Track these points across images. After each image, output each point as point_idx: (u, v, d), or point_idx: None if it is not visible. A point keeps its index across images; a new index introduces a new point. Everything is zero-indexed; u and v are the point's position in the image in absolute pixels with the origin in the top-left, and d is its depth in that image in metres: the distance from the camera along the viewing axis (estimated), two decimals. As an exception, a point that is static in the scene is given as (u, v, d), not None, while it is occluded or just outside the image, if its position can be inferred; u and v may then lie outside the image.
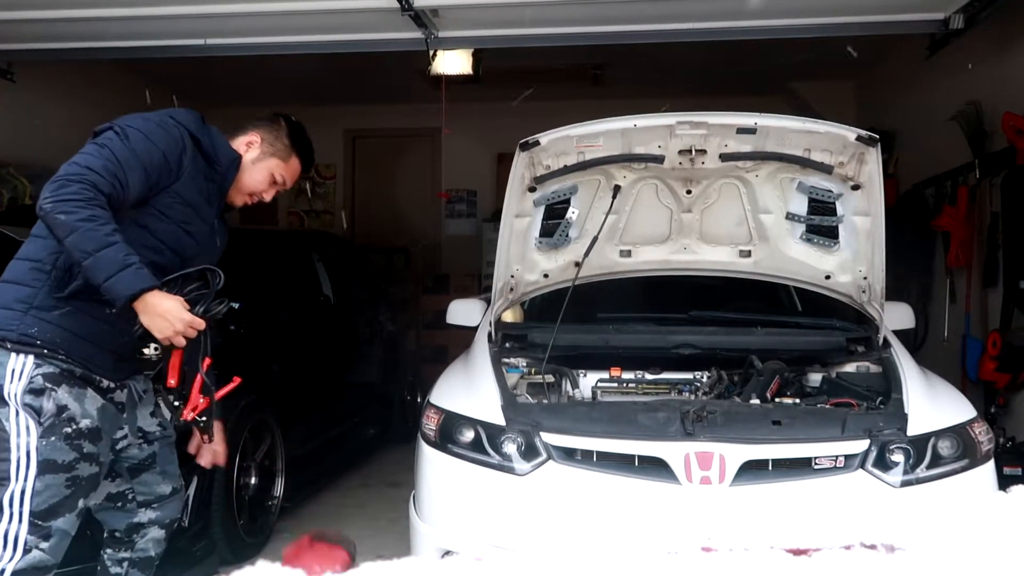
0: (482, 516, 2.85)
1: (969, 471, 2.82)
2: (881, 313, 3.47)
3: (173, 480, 2.60)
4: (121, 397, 2.42)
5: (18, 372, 2.22)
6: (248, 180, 2.59)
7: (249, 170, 2.58)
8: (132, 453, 2.50)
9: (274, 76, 7.26)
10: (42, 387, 2.23)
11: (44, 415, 2.23)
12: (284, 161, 2.63)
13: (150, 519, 2.55)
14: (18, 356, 2.23)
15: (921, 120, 6.42)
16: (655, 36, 4.78)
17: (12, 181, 5.75)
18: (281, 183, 2.65)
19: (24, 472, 2.21)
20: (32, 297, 2.25)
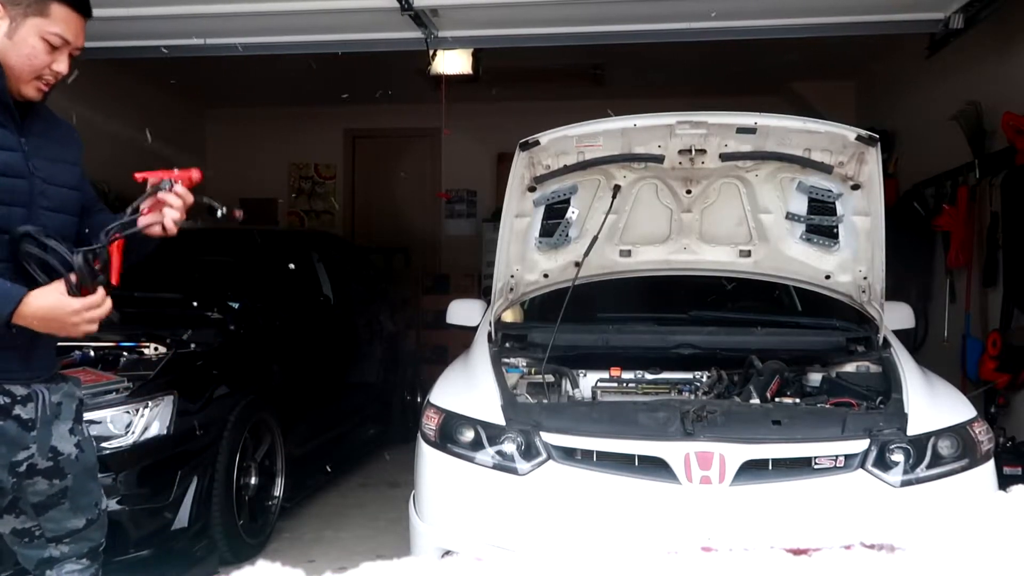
0: (482, 516, 2.85)
1: (969, 471, 2.82)
2: (881, 313, 3.47)
3: (87, 511, 2.18)
4: (28, 412, 2.03)
5: None
6: (17, 60, 2.02)
7: (10, 48, 2.01)
8: (39, 488, 2.08)
9: (274, 76, 7.26)
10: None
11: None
12: (44, 16, 2.02)
13: (63, 553, 2.15)
14: None
15: (921, 120, 6.42)
16: (655, 36, 4.79)
17: None
18: (63, 43, 2.07)
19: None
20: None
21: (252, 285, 4.78)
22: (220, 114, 9.25)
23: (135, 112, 7.62)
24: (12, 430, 2.00)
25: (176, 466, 3.52)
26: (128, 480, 3.30)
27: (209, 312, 4.25)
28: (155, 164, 2.22)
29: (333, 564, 3.73)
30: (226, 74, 7.12)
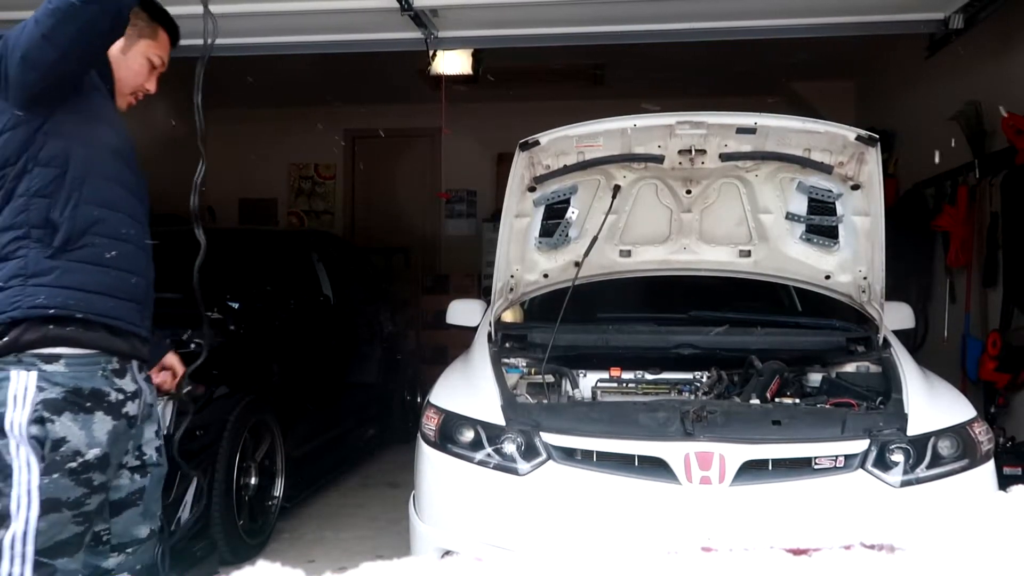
0: (482, 516, 2.85)
1: (969, 471, 2.82)
2: (881, 313, 3.47)
3: (152, 521, 2.27)
4: (134, 409, 2.15)
5: (21, 398, 1.97)
6: (125, 74, 2.24)
7: (121, 63, 2.22)
8: (122, 483, 2.19)
9: (274, 76, 7.26)
10: (41, 417, 1.98)
11: (46, 449, 1.99)
12: (153, 39, 2.28)
13: (119, 564, 2.20)
14: (19, 377, 1.98)
15: (921, 120, 6.42)
16: (655, 36, 4.78)
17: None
18: (160, 65, 2.32)
19: (25, 513, 1.98)
20: (23, 268, 1.99)
21: (252, 285, 4.78)
22: (220, 114, 9.23)
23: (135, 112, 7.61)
24: (123, 428, 2.10)
25: (175, 466, 3.52)
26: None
27: (209, 312, 4.24)
28: (155, 163, 2.26)
29: (333, 564, 3.73)
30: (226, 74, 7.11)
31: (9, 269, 2.00)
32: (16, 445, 1.98)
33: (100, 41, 1.98)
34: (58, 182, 2.01)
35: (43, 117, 2.00)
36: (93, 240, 2.04)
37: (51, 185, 2.01)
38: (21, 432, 1.97)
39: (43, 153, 2.00)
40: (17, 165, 2.00)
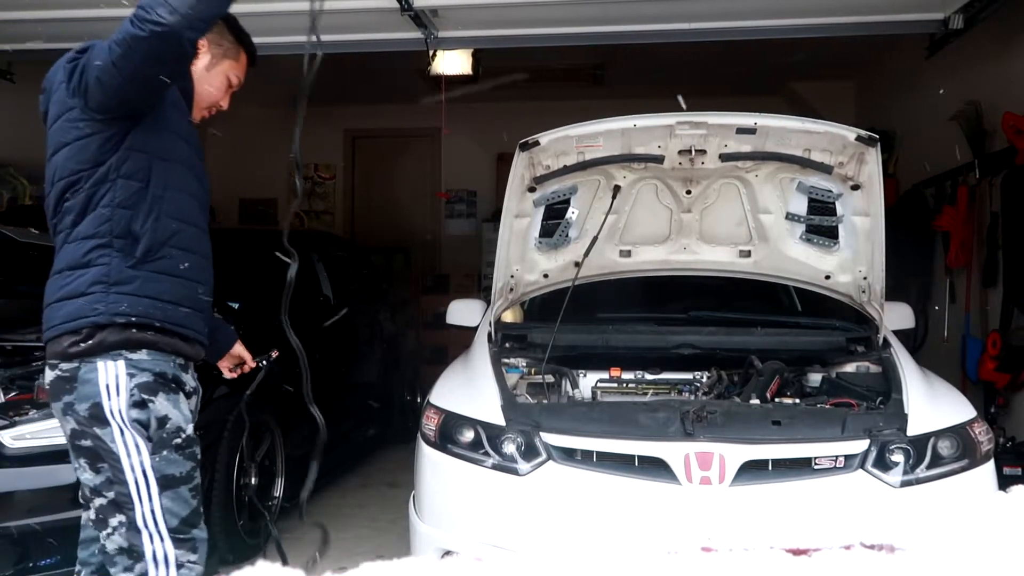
0: (482, 516, 2.85)
1: (969, 471, 2.82)
2: (881, 313, 3.47)
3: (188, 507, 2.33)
4: (193, 404, 2.30)
5: (114, 387, 2.09)
6: (206, 90, 2.36)
7: (203, 79, 2.34)
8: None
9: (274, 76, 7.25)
10: (142, 400, 2.11)
11: (151, 429, 2.12)
12: (235, 60, 2.39)
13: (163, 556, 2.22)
14: (107, 367, 2.09)
15: (921, 120, 6.42)
16: (655, 36, 4.79)
17: (12, 181, 5.76)
18: (237, 85, 2.44)
19: (147, 492, 2.11)
20: (106, 275, 2.09)
21: (251, 285, 4.78)
22: (220, 114, 9.23)
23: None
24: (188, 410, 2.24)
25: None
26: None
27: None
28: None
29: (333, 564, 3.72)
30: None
31: (91, 276, 2.10)
32: (120, 431, 2.09)
33: (166, 71, 2.04)
34: (140, 195, 2.12)
35: (124, 131, 2.10)
36: (170, 252, 2.16)
37: (133, 197, 2.11)
38: (123, 418, 2.09)
39: (126, 167, 2.11)
40: (97, 172, 2.10)
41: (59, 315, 2.12)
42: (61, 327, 2.11)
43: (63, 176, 2.13)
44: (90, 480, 2.19)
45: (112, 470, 2.12)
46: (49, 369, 2.17)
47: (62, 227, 2.16)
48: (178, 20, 1.88)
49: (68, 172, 2.12)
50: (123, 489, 2.12)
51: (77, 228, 2.12)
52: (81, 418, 2.12)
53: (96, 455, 2.15)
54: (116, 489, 2.13)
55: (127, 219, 2.10)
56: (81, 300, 2.09)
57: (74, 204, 2.12)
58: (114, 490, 2.14)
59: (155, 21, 1.88)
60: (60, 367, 2.13)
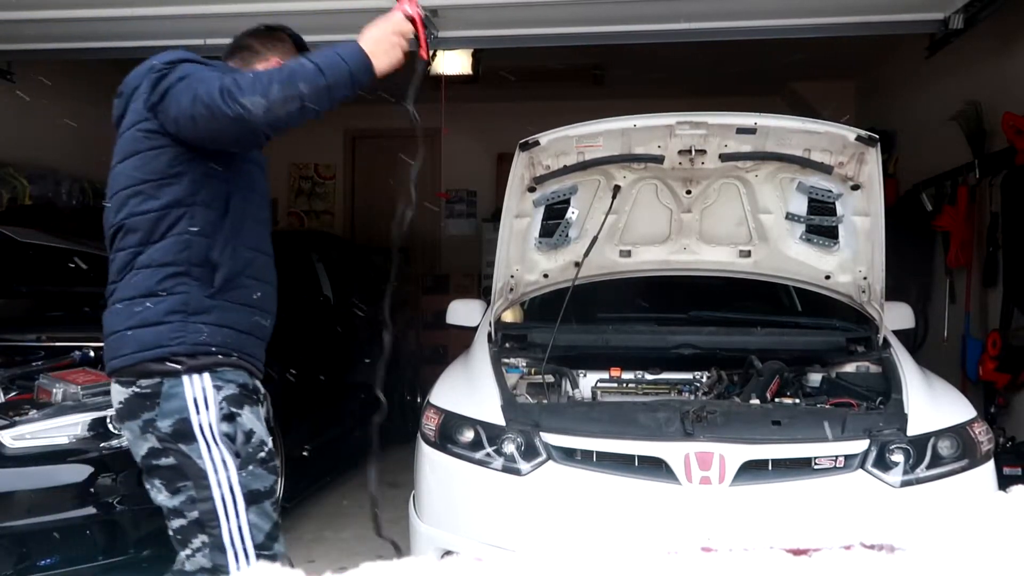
0: (482, 516, 2.85)
1: (969, 471, 2.83)
2: (881, 313, 3.46)
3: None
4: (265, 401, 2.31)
5: (202, 400, 2.04)
6: None
7: None
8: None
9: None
10: (230, 413, 2.07)
11: (238, 443, 2.08)
12: None
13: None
14: (192, 381, 2.04)
15: (921, 120, 6.42)
16: (655, 36, 4.78)
17: (12, 181, 5.76)
18: None
19: (233, 510, 2.05)
20: (185, 304, 2.05)
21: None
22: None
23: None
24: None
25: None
26: (128, 480, 3.28)
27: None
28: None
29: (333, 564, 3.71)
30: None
31: (168, 304, 2.05)
32: (207, 447, 2.03)
33: (238, 146, 2.10)
34: (218, 224, 2.09)
35: (204, 160, 2.08)
36: (245, 281, 2.15)
37: (211, 226, 2.08)
38: (214, 432, 2.04)
39: (204, 194, 2.08)
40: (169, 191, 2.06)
41: (133, 342, 2.06)
42: (138, 355, 2.05)
43: (128, 185, 2.09)
44: (167, 501, 2.09)
45: (196, 488, 2.04)
46: (121, 387, 2.09)
47: (125, 245, 2.10)
48: (264, 118, 1.91)
49: (134, 181, 2.08)
50: (208, 507, 2.04)
51: (149, 254, 2.07)
52: (164, 435, 2.04)
53: (177, 474, 2.06)
54: (200, 507, 2.05)
55: (205, 247, 2.07)
56: (160, 328, 2.04)
57: (142, 223, 2.07)
58: (197, 509, 2.05)
59: (244, 108, 1.89)
60: (139, 384, 2.06)
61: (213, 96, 1.91)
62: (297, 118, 1.98)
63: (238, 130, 1.94)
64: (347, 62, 2.01)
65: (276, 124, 1.96)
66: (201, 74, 2.00)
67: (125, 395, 2.09)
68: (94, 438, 3.26)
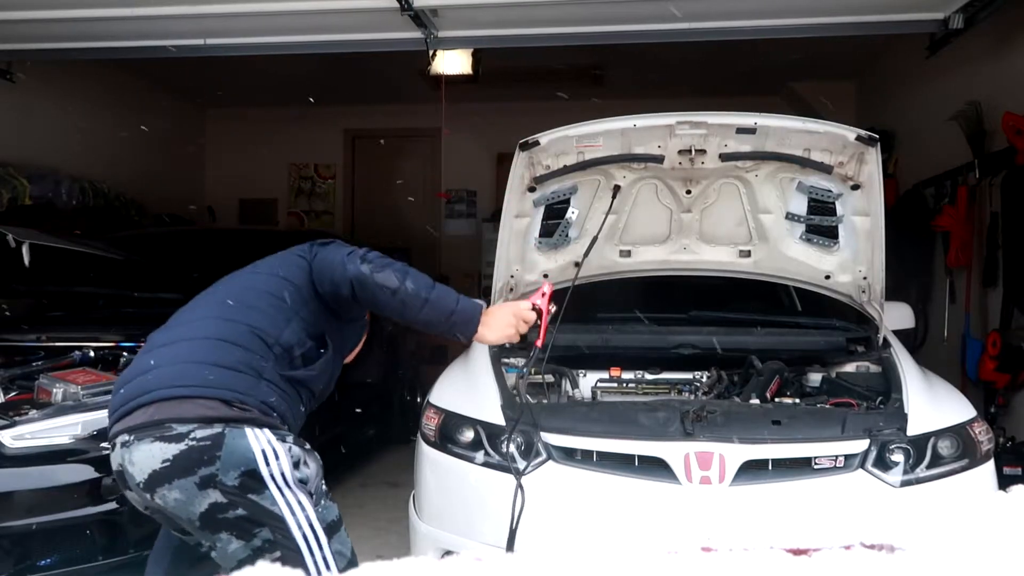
0: (482, 516, 2.85)
1: (969, 471, 2.82)
2: (881, 313, 3.46)
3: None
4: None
5: (270, 451, 2.02)
6: None
7: None
8: None
9: (274, 76, 7.27)
10: (298, 457, 2.09)
11: (311, 485, 2.11)
12: None
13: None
14: (255, 434, 2.02)
15: (921, 120, 6.42)
16: (655, 36, 4.79)
17: (12, 181, 5.76)
18: None
19: (317, 545, 2.06)
20: (261, 367, 2.11)
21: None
22: (220, 114, 9.26)
23: (136, 112, 7.62)
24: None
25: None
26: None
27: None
28: (156, 164, 2.30)
29: (333, 564, 3.71)
30: (226, 74, 7.12)
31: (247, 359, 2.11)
32: (280, 492, 2.03)
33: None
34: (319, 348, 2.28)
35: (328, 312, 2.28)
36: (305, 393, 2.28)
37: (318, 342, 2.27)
38: (287, 479, 2.04)
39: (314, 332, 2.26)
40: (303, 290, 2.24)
41: (204, 376, 2.04)
42: (203, 389, 2.03)
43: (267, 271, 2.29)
44: (240, 552, 2.03)
45: (273, 531, 2.02)
46: (166, 443, 1.98)
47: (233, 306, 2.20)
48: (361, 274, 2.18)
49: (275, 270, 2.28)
50: (289, 546, 2.03)
51: (253, 315, 2.17)
52: (230, 488, 1.98)
53: (250, 522, 2.02)
54: (281, 550, 2.03)
55: (302, 349, 2.21)
56: (234, 374, 2.07)
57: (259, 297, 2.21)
58: (278, 551, 2.03)
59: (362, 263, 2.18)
60: (194, 435, 1.97)
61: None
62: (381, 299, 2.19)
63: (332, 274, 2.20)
64: (457, 306, 2.21)
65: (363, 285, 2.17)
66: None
67: (174, 451, 1.97)
68: (94, 438, 3.26)
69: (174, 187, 8.34)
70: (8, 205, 5.66)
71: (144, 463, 2.00)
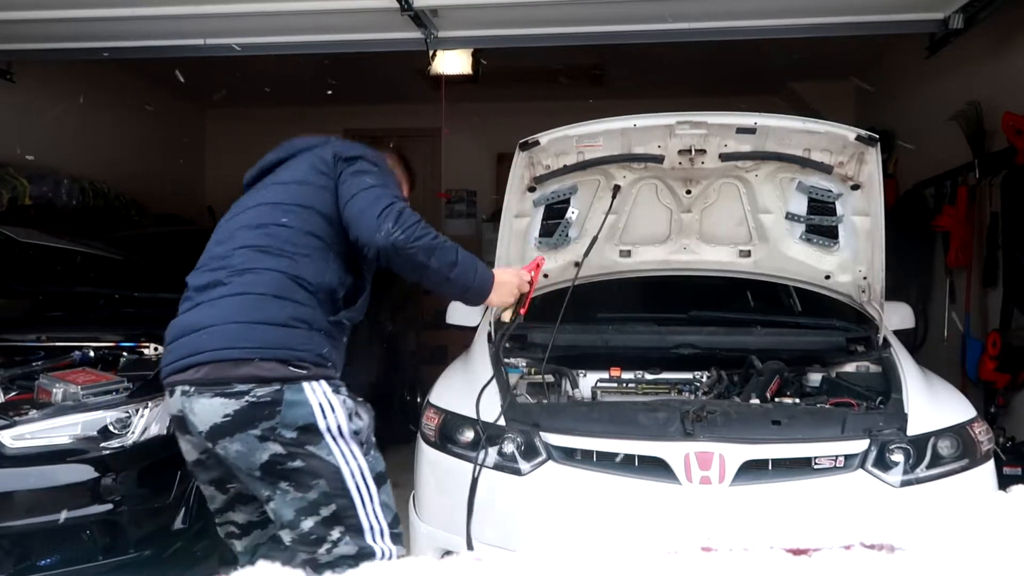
0: (482, 516, 2.85)
1: (969, 471, 2.82)
2: (881, 313, 3.46)
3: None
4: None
5: (327, 405, 2.11)
6: None
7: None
8: None
9: (274, 76, 7.26)
10: (352, 409, 2.17)
11: (362, 436, 2.18)
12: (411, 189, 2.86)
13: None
14: (313, 387, 2.11)
15: (921, 120, 6.42)
16: (655, 36, 4.78)
17: (12, 181, 5.76)
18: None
19: (368, 495, 2.15)
20: (311, 318, 2.16)
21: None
22: (220, 114, 9.26)
23: (136, 112, 7.62)
24: None
25: (176, 466, 3.51)
26: (128, 480, 3.29)
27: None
28: (156, 164, 2.32)
29: (333, 564, 3.71)
30: (226, 74, 7.12)
31: (295, 312, 2.14)
32: (335, 443, 2.11)
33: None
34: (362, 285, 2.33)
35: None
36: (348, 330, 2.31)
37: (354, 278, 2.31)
38: (343, 431, 2.12)
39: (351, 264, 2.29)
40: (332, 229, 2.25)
41: (255, 337, 2.08)
42: (259, 351, 2.07)
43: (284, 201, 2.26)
44: (297, 503, 2.12)
45: (329, 484, 2.10)
46: (226, 399, 2.07)
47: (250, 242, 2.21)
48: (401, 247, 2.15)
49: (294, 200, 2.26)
50: (342, 498, 2.12)
51: (279, 261, 2.17)
52: (289, 440, 2.07)
53: (307, 474, 2.10)
54: (336, 502, 2.11)
55: (337, 284, 2.23)
56: (287, 331, 2.11)
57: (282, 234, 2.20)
58: (334, 503, 2.11)
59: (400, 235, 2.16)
60: (254, 393, 2.06)
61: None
62: (403, 269, 2.20)
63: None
64: (474, 284, 2.31)
65: (388, 257, 2.17)
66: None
67: (235, 407, 2.06)
68: (94, 438, 3.26)
69: (174, 187, 8.35)
70: (8, 205, 5.66)
71: (205, 415, 2.09)
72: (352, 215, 2.20)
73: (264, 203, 2.30)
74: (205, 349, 2.09)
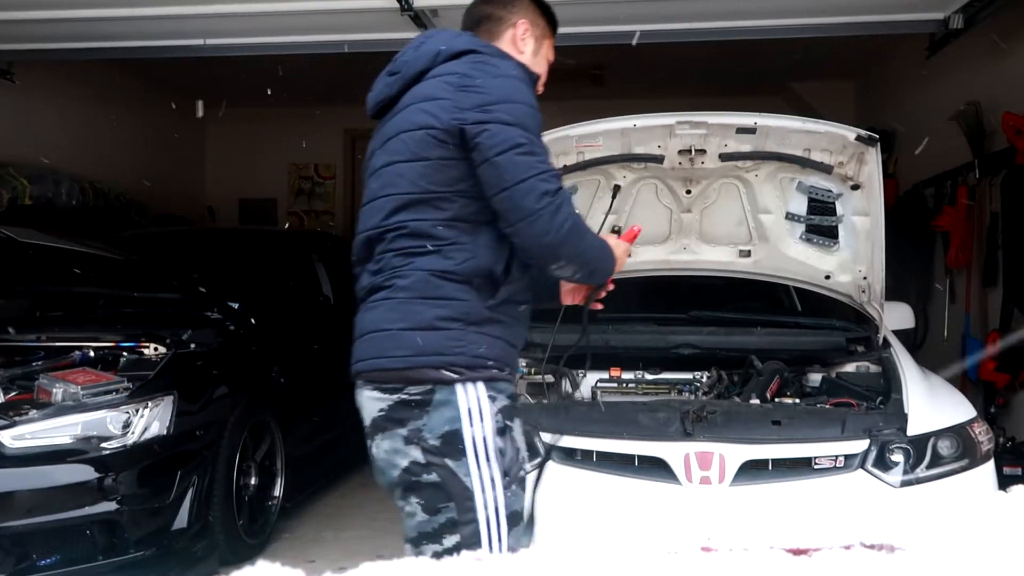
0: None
1: (969, 471, 2.82)
2: (881, 313, 3.46)
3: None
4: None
5: (476, 411, 1.90)
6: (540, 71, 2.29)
7: (533, 64, 2.25)
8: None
9: (274, 76, 7.26)
10: (504, 426, 1.94)
11: (507, 460, 1.94)
12: (551, 38, 2.33)
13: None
14: (467, 390, 1.91)
15: (921, 120, 6.42)
16: (655, 36, 4.78)
17: (12, 181, 5.76)
18: (551, 61, 2.35)
19: (496, 534, 1.90)
20: (464, 313, 1.93)
21: (252, 285, 4.78)
22: (220, 114, 9.25)
23: (136, 112, 7.62)
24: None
25: (176, 466, 3.52)
26: (128, 480, 3.29)
27: (209, 312, 4.25)
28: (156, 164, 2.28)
29: (333, 564, 3.71)
30: (226, 74, 7.12)
31: (448, 311, 1.94)
32: (477, 463, 1.91)
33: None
34: (503, 241, 1.98)
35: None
36: (520, 297, 2.06)
37: (497, 242, 1.98)
38: (487, 447, 1.90)
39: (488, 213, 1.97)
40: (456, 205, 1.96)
41: (407, 344, 1.93)
42: (412, 359, 1.92)
43: (409, 191, 1.98)
44: (424, 525, 1.94)
45: (459, 510, 1.90)
46: (382, 394, 1.95)
47: (398, 247, 1.97)
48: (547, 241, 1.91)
49: (418, 189, 1.97)
50: (471, 530, 1.90)
51: (429, 259, 1.95)
52: (431, 447, 1.90)
53: (440, 493, 1.91)
54: (462, 531, 1.90)
55: (490, 261, 1.96)
56: (438, 334, 1.92)
57: (423, 228, 1.96)
58: (459, 533, 1.90)
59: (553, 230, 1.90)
60: (407, 391, 1.92)
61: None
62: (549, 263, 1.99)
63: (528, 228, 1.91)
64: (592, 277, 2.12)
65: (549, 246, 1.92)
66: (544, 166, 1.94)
67: (388, 402, 1.95)
68: (94, 438, 3.26)
69: (174, 187, 8.35)
70: (8, 205, 5.66)
71: (368, 408, 2.01)
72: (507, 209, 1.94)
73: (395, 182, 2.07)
74: (363, 357, 1.99)
